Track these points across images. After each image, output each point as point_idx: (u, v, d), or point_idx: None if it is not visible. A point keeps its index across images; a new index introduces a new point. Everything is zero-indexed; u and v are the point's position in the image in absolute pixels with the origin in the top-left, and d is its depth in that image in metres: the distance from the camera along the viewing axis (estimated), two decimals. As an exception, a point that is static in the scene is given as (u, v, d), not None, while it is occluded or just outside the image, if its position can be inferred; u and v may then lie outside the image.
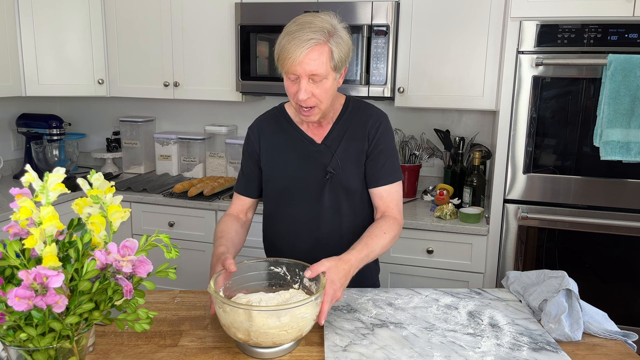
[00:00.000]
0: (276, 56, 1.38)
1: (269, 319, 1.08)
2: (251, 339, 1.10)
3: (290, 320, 1.09)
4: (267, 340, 1.10)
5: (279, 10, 2.50)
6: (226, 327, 1.13)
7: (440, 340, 1.20)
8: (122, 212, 0.92)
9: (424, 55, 2.44)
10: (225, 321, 1.11)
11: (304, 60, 1.32)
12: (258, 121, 1.62)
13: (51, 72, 2.76)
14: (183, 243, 2.60)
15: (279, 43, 1.37)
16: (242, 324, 1.08)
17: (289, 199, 1.55)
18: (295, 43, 1.32)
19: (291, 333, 1.11)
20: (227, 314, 1.09)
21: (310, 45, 1.32)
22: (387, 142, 1.52)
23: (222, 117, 3.14)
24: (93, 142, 3.38)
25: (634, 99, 1.95)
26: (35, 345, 0.81)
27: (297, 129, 1.55)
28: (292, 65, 1.33)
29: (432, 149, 2.72)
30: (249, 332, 1.08)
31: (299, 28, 1.34)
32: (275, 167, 1.55)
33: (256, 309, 1.08)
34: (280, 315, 1.08)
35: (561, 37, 2.07)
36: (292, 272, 1.31)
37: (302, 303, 1.09)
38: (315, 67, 1.33)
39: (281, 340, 1.11)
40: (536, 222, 2.19)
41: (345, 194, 1.52)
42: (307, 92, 1.36)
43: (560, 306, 1.26)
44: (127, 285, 0.84)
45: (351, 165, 1.51)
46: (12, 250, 0.80)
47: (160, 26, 2.76)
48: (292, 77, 1.37)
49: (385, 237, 1.42)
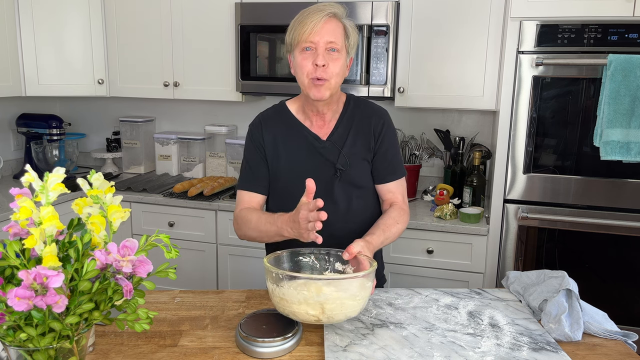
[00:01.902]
0: (290, 31, 1.41)
1: (340, 291, 1.14)
2: (325, 315, 1.14)
3: (359, 289, 1.16)
4: (341, 313, 1.15)
5: (279, 10, 2.50)
6: (295, 305, 1.14)
7: (440, 340, 1.20)
8: (122, 212, 0.92)
9: (424, 55, 2.44)
10: (295, 299, 1.14)
11: (324, 27, 1.36)
12: (260, 116, 1.60)
13: (51, 72, 2.76)
14: (183, 243, 2.60)
15: (294, 20, 1.40)
16: (314, 299, 1.12)
17: (296, 195, 1.52)
18: (314, 15, 1.37)
19: (359, 303, 1.17)
20: (298, 292, 1.13)
21: (328, 16, 1.37)
22: (392, 140, 1.57)
23: (222, 117, 3.14)
24: (93, 142, 3.38)
25: (634, 99, 1.95)
26: (35, 345, 0.81)
27: (301, 125, 1.55)
28: (310, 33, 1.36)
29: (432, 149, 2.72)
30: (322, 306, 1.13)
31: (314, 7, 1.39)
32: (280, 161, 1.54)
33: (335, 277, 1.19)
34: (349, 285, 1.15)
35: (561, 37, 2.07)
36: (321, 259, 1.35)
37: (369, 271, 1.17)
38: (332, 37, 1.37)
39: (352, 312, 1.17)
40: (536, 222, 2.19)
41: (354, 189, 1.54)
42: (324, 59, 1.38)
43: (560, 306, 1.26)
44: (127, 285, 0.84)
45: (358, 162, 1.53)
46: (12, 250, 0.80)
47: (160, 26, 2.76)
48: (309, 45, 1.39)
49: (398, 226, 1.49)
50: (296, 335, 1.18)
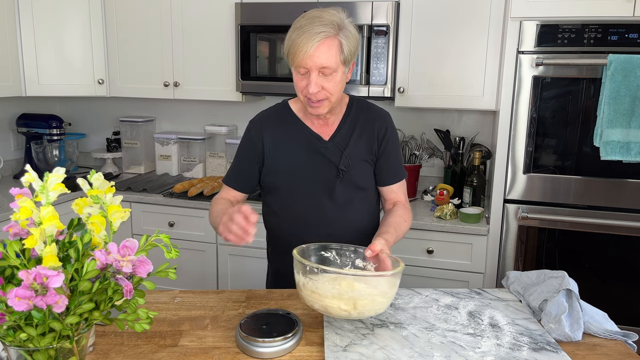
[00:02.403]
0: (286, 50, 1.39)
1: (371, 288, 1.16)
2: (356, 310, 1.15)
3: (388, 287, 1.18)
4: (372, 309, 1.17)
5: (279, 10, 2.50)
6: (328, 300, 1.15)
7: (440, 340, 1.20)
8: (122, 212, 0.92)
9: (424, 55, 2.44)
10: (329, 293, 1.14)
11: (315, 54, 1.33)
12: (261, 116, 1.60)
13: (51, 72, 2.76)
14: (183, 243, 2.60)
15: (289, 37, 1.37)
16: (348, 294, 1.14)
17: (298, 194, 1.54)
18: (306, 37, 1.33)
19: (388, 300, 1.20)
20: (333, 286, 1.14)
21: (320, 39, 1.33)
22: (395, 143, 1.59)
23: (222, 117, 3.14)
24: (93, 142, 3.38)
25: (634, 99, 1.95)
26: (35, 345, 0.81)
27: (303, 125, 1.54)
28: (302, 58, 1.34)
29: (432, 149, 2.72)
30: (355, 302, 1.15)
31: (308, 22, 1.35)
32: (281, 160, 1.54)
33: (370, 274, 1.22)
34: (378, 282, 1.17)
35: (561, 37, 2.07)
36: (343, 255, 1.36)
37: (399, 270, 1.19)
38: (325, 61, 1.34)
39: (380, 308, 1.19)
40: (536, 222, 2.19)
41: (356, 190, 1.55)
42: (317, 85, 1.37)
43: (560, 306, 1.26)
44: (127, 285, 0.84)
45: (360, 164, 1.54)
46: (12, 250, 0.80)
47: (160, 26, 2.76)
48: (302, 70, 1.37)
49: (406, 224, 1.54)
50: (296, 335, 1.18)
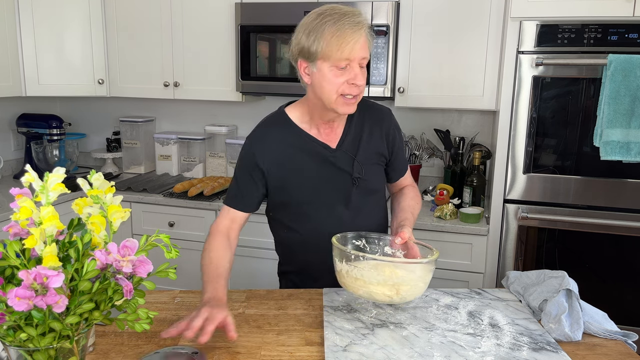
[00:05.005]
0: (317, 39, 1.29)
1: (410, 273, 1.22)
2: (399, 295, 1.21)
3: (426, 273, 1.24)
4: (413, 294, 1.23)
5: (279, 10, 2.50)
6: (373, 286, 1.20)
7: (440, 340, 1.20)
8: (122, 212, 0.92)
9: (424, 55, 2.44)
10: (374, 280, 1.20)
11: (364, 43, 1.31)
12: (260, 130, 1.49)
13: (51, 72, 2.76)
14: (183, 243, 2.60)
15: (323, 31, 1.28)
16: (393, 280, 1.20)
17: (312, 207, 1.48)
18: (350, 26, 1.27)
19: (426, 286, 1.26)
20: (378, 273, 1.20)
21: (364, 28, 1.31)
22: (400, 140, 1.62)
23: (222, 117, 3.14)
24: (93, 142, 3.38)
25: (634, 99, 1.95)
26: (35, 345, 0.81)
27: (307, 135, 1.46)
28: (353, 48, 1.28)
29: (432, 149, 2.72)
30: (398, 288, 1.20)
31: (342, 14, 1.30)
32: (289, 177, 1.46)
33: (411, 261, 1.27)
34: (416, 268, 1.24)
35: (561, 37, 2.07)
36: (372, 243, 1.41)
37: (435, 257, 1.24)
38: (366, 53, 1.33)
39: (419, 293, 1.25)
40: (536, 222, 2.19)
41: (370, 194, 1.54)
42: (364, 76, 1.34)
43: (560, 306, 1.26)
44: (127, 285, 0.84)
45: (372, 168, 1.52)
46: (12, 250, 0.80)
47: (160, 26, 2.76)
48: (343, 64, 1.30)
49: (418, 207, 1.59)
50: None
